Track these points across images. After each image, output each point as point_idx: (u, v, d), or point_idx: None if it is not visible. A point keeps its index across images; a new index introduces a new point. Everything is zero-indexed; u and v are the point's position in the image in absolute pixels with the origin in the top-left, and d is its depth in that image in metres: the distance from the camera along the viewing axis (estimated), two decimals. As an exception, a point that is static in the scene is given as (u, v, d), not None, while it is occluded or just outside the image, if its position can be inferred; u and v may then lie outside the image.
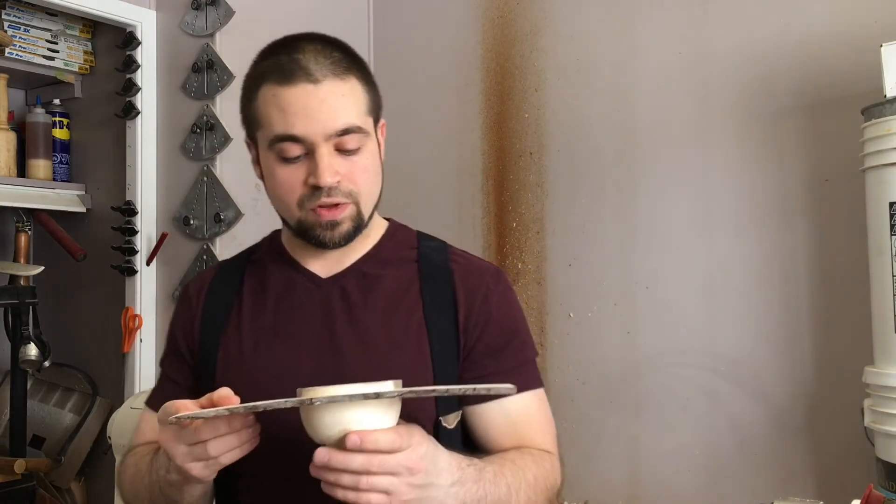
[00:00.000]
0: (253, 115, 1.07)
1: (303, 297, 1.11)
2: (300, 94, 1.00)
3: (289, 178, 1.03)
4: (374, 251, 1.14)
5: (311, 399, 0.78)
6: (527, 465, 1.01)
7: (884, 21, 1.80)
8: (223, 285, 1.17)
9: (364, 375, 0.97)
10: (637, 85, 2.18)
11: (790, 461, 1.91)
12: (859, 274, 1.69)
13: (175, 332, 1.18)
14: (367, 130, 1.05)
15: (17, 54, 2.44)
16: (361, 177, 1.05)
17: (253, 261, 1.19)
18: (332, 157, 1.01)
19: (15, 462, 2.07)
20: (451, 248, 1.16)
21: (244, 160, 2.28)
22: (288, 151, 1.02)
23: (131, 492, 1.09)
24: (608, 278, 2.19)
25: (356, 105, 1.04)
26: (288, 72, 1.01)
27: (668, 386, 2.08)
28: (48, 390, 2.61)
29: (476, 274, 1.12)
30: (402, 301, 1.09)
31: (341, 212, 1.04)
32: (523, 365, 1.10)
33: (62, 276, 2.63)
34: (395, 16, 2.68)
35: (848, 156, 1.79)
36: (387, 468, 0.81)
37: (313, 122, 1.00)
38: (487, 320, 1.08)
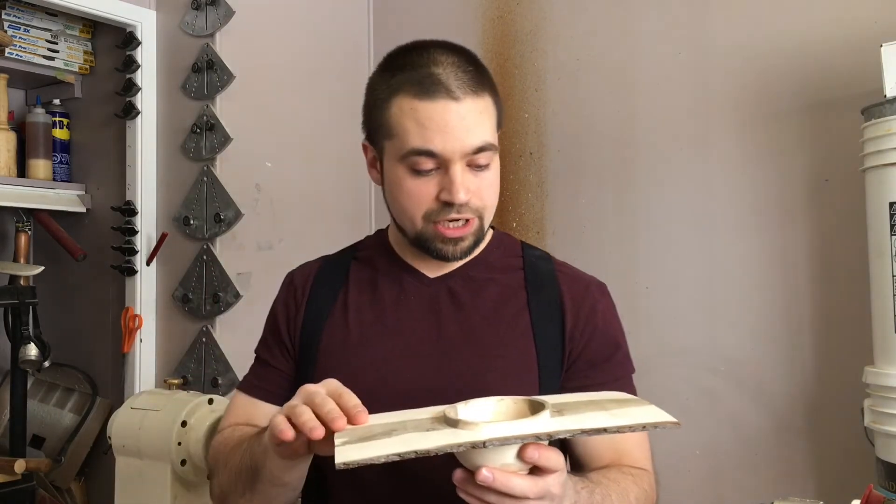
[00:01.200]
0: (384, 123, 1.06)
1: (410, 294, 1.13)
2: (440, 110, 1.01)
3: (419, 191, 1.04)
4: (481, 256, 1.16)
5: (483, 442, 0.74)
6: (629, 486, 1.02)
7: (884, 21, 1.80)
8: (329, 278, 1.18)
9: (471, 374, 1.01)
10: (637, 85, 2.18)
11: (790, 461, 1.91)
12: (859, 274, 1.69)
13: (277, 319, 1.19)
14: (497, 146, 1.07)
15: (17, 54, 2.44)
16: (488, 192, 1.07)
17: (358, 257, 1.20)
18: (465, 173, 1.03)
19: (15, 462, 2.07)
20: (554, 259, 1.20)
21: (244, 160, 2.31)
22: (422, 165, 1.03)
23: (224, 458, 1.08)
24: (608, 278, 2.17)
25: (490, 121, 1.06)
26: (428, 86, 1.01)
27: (668, 386, 2.08)
28: (48, 390, 2.61)
29: (582, 285, 1.16)
30: (508, 305, 1.11)
31: (467, 229, 1.06)
32: (624, 378, 1.13)
33: (62, 276, 2.63)
34: (395, 16, 2.68)
35: (848, 156, 1.79)
36: (540, 492, 0.79)
37: (452, 139, 1.01)
38: (594, 331, 1.11)
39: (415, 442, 0.76)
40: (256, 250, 2.34)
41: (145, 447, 1.89)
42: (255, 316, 2.28)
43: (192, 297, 2.28)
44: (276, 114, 2.41)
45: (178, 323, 2.34)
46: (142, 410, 1.93)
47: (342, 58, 2.62)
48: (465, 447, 0.74)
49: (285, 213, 2.42)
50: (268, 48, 2.41)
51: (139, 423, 1.91)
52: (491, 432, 0.75)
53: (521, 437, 0.75)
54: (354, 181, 2.60)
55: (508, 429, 0.76)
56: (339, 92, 2.61)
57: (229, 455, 1.07)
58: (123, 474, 1.96)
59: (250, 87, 2.32)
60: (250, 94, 2.33)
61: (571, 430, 0.76)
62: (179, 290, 2.31)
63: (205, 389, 2.19)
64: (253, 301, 2.26)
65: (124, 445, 1.93)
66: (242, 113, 2.32)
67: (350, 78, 2.66)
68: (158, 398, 1.97)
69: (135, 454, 1.92)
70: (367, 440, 0.78)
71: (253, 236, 2.33)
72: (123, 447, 1.94)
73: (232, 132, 2.25)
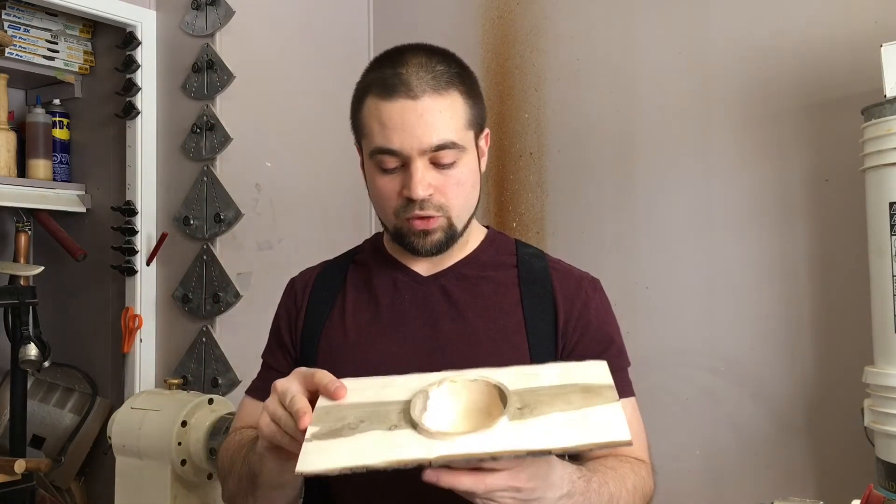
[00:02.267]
0: (359, 124, 1.11)
1: (405, 293, 1.15)
2: (398, 109, 1.04)
3: (386, 187, 1.08)
4: (473, 255, 1.18)
5: (429, 461, 0.78)
6: (626, 474, 1.03)
7: (884, 21, 1.80)
8: (328, 281, 1.21)
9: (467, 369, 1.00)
10: (637, 85, 2.18)
11: (790, 461, 1.91)
12: (859, 274, 1.69)
13: (280, 324, 1.23)
14: (464, 146, 1.08)
15: (17, 54, 2.44)
16: (453, 190, 1.08)
17: (356, 261, 1.23)
18: (426, 170, 1.05)
19: (15, 462, 2.07)
20: (548, 256, 1.22)
21: (244, 160, 2.31)
22: (386, 163, 1.06)
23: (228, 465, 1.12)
24: (608, 278, 2.17)
25: (454, 120, 1.07)
26: (390, 86, 1.05)
27: (668, 386, 2.08)
28: (48, 390, 2.61)
29: (575, 281, 1.17)
30: (501, 301, 1.13)
31: (433, 223, 1.08)
32: (619, 372, 1.12)
33: (62, 276, 2.63)
34: (395, 16, 2.68)
35: (848, 156, 1.79)
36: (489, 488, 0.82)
37: (409, 136, 1.04)
38: (587, 326, 1.13)
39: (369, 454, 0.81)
40: (256, 250, 2.34)
41: (145, 447, 1.89)
42: (255, 316, 2.30)
43: (192, 297, 2.28)
44: (276, 114, 2.41)
45: (178, 323, 2.34)
46: (142, 410, 1.93)
47: (342, 58, 2.62)
48: (410, 465, 0.79)
49: (285, 213, 2.42)
50: (268, 48, 2.41)
51: (139, 423, 1.91)
52: (439, 450, 0.79)
53: (465, 458, 0.79)
54: (354, 181, 2.57)
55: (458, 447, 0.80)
56: (339, 92, 2.60)
57: (233, 460, 1.10)
58: (123, 474, 1.96)
59: (250, 87, 2.32)
60: (250, 94, 2.33)
61: (517, 450, 0.79)
62: (179, 290, 2.31)
63: (205, 389, 2.19)
64: (253, 301, 2.26)
65: (124, 445, 1.93)
66: (242, 113, 2.32)
67: (350, 78, 2.63)
68: (158, 398, 1.97)
69: (135, 454, 1.92)
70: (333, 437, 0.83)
71: (253, 236, 2.33)
72: (123, 447, 1.94)
73: (232, 132, 2.25)
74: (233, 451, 1.11)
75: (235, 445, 1.12)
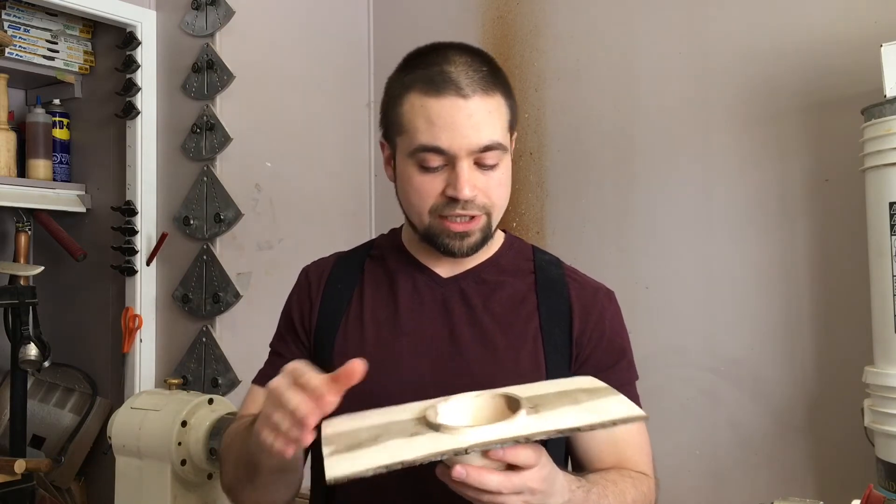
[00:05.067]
0: (396, 120, 1.08)
1: (424, 294, 1.14)
2: (449, 107, 1.02)
3: (426, 186, 1.06)
4: (494, 258, 1.17)
5: (465, 449, 0.77)
6: (627, 488, 1.03)
7: (884, 21, 1.80)
8: (343, 274, 1.19)
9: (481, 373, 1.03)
10: (637, 85, 2.18)
11: (790, 461, 1.91)
12: (859, 274, 1.69)
13: (291, 313, 1.20)
14: (507, 147, 1.08)
15: (17, 54, 2.44)
16: (496, 191, 1.08)
17: (372, 255, 1.21)
18: (471, 171, 1.04)
19: (15, 462, 2.06)
20: (564, 264, 1.22)
21: (244, 160, 2.31)
22: (429, 161, 1.04)
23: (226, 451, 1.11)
24: (608, 278, 2.17)
25: (500, 121, 1.07)
26: (439, 83, 1.03)
27: (667, 386, 2.08)
28: (48, 390, 2.61)
29: (591, 291, 1.17)
30: (519, 308, 1.13)
31: (473, 224, 1.07)
32: (628, 385, 1.13)
33: (62, 276, 2.63)
34: (395, 16, 2.68)
35: (848, 156, 1.79)
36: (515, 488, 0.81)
37: (459, 136, 1.02)
38: (601, 337, 1.13)
39: (401, 452, 0.79)
40: (256, 250, 2.34)
41: (145, 447, 1.89)
42: (255, 316, 2.30)
43: (192, 297, 2.28)
44: (276, 114, 2.41)
45: (178, 323, 2.34)
46: (142, 410, 1.93)
47: (342, 58, 2.62)
48: (448, 454, 0.77)
49: (285, 213, 2.42)
50: (268, 48, 2.41)
51: (139, 423, 1.91)
52: (473, 438, 0.78)
53: (500, 442, 0.78)
54: (354, 181, 2.60)
55: (489, 433, 0.79)
56: (339, 92, 2.61)
57: (231, 447, 1.09)
58: (123, 474, 1.96)
59: (250, 87, 2.32)
60: (250, 94, 2.33)
61: (547, 430, 0.79)
62: (179, 290, 2.31)
63: (205, 389, 2.19)
64: (253, 301, 2.26)
65: (124, 445, 1.93)
66: (242, 113, 2.32)
67: (350, 78, 2.66)
68: (158, 398, 1.97)
69: (135, 454, 1.92)
70: (355, 449, 0.81)
71: (253, 236, 2.33)
72: (123, 447, 1.94)
73: (232, 132, 2.25)
74: (233, 437, 1.10)
75: (233, 433, 1.11)
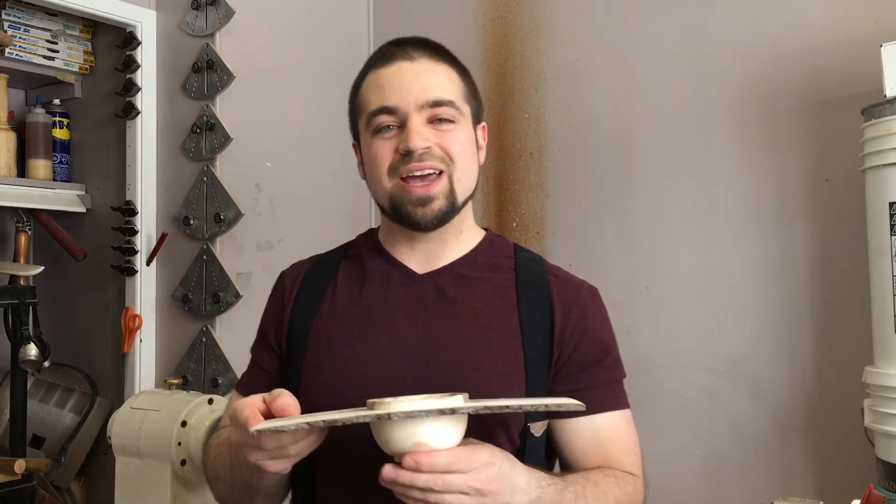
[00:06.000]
0: (356, 107, 1.13)
1: (398, 290, 1.12)
2: (396, 70, 1.07)
3: (382, 149, 1.07)
4: (471, 255, 1.15)
5: (388, 414, 0.78)
6: (609, 488, 1.01)
7: (884, 21, 1.80)
8: (318, 276, 1.18)
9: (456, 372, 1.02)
10: (637, 85, 2.18)
11: (790, 461, 1.91)
12: (859, 274, 1.69)
13: (266, 320, 1.20)
14: (462, 110, 1.09)
15: (17, 54, 2.44)
16: (455, 146, 1.07)
17: (349, 255, 1.20)
18: (423, 125, 1.05)
19: (15, 462, 2.07)
20: (546, 262, 1.19)
21: (244, 160, 2.31)
22: (382, 122, 1.06)
23: (213, 471, 1.11)
24: (608, 278, 2.19)
25: (451, 85, 1.09)
26: (388, 55, 1.09)
27: (667, 386, 2.08)
28: (48, 390, 2.61)
29: (573, 288, 1.14)
30: (498, 305, 1.10)
31: (433, 186, 1.05)
32: (614, 383, 1.11)
33: (62, 276, 2.63)
34: (395, 16, 2.68)
35: (848, 156, 1.79)
36: (452, 487, 0.81)
37: (406, 92, 1.05)
38: (583, 335, 1.10)
39: (326, 416, 0.82)
40: (256, 250, 2.34)
41: (145, 447, 1.89)
42: (255, 316, 2.27)
43: (192, 297, 2.28)
44: (276, 114, 2.41)
45: (178, 323, 2.33)
46: (142, 410, 1.93)
47: (342, 58, 2.62)
48: (370, 418, 0.79)
49: (285, 213, 2.42)
50: (268, 48, 2.41)
51: (139, 423, 1.91)
52: (398, 407, 0.80)
53: (425, 411, 0.79)
54: (354, 181, 2.58)
55: (414, 404, 0.81)
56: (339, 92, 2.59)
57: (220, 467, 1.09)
58: (123, 474, 1.96)
59: (250, 87, 2.32)
60: (250, 94, 2.33)
61: (475, 406, 0.81)
62: (179, 290, 2.31)
63: (205, 389, 2.19)
64: (253, 301, 2.26)
65: (124, 445, 1.93)
66: (242, 113, 2.32)
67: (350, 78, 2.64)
68: (158, 398, 1.97)
69: (135, 454, 1.92)
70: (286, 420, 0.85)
71: (253, 236, 2.33)
72: (123, 447, 1.94)
73: (232, 132, 2.25)
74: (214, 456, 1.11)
75: (215, 451, 1.11)
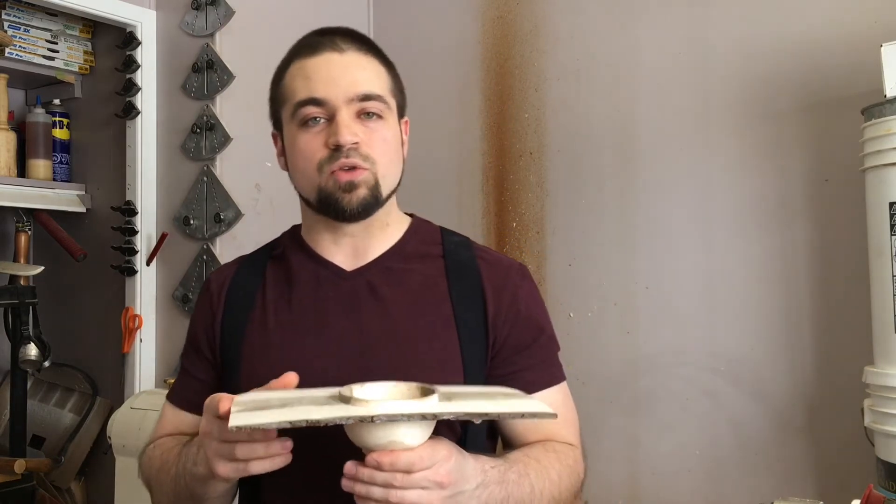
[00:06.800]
0: (279, 96, 1.11)
1: (328, 290, 1.10)
2: (325, 61, 1.06)
3: (310, 144, 1.06)
4: (398, 246, 1.14)
5: (371, 417, 0.78)
6: (551, 462, 1.02)
7: (884, 21, 1.80)
8: (245, 280, 1.15)
9: (394, 368, 1.00)
10: (637, 85, 2.18)
11: (790, 461, 1.91)
12: (859, 274, 1.69)
13: (195, 327, 1.17)
14: (389, 103, 1.09)
15: (17, 54, 2.44)
16: (380, 146, 1.07)
17: (274, 256, 1.18)
18: (352, 120, 1.05)
19: (15, 462, 2.07)
20: (474, 244, 1.17)
21: (244, 160, 2.31)
22: (309, 114, 1.05)
23: (156, 481, 1.09)
24: (608, 278, 2.19)
25: (379, 79, 1.09)
26: (315, 45, 1.08)
27: (668, 386, 2.08)
28: (48, 390, 2.61)
29: (502, 271, 1.13)
30: (429, 295, 1.09)
31: (359, 174, 1.04)
32: (549, 359, 1.12)
33: (62, 276, 2.63)
34: (395, 16, 2.68)
35: (848, 156, 1.79)
36: (413, 484, 0.82)
37: (335, 85, 1.04)
38: (516, 317, 1.10)
39: (308, 412, 0.79)
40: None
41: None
42: (255, 316, 2.30)
43: (192, 297, 2.28)
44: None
45: (179, 323, 2.33)
46: (142, 410, 1.94)
47: (342, 58, 2.62)
48: (353, 420, 0.78)
49: (285, 213, 2.40)
50: (268, 48, 2.39)
51: (139, 423, 1.91)
52: (380, 409, 0.79)
53: (407, 415, 0.79)
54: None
55: (397, 407, 0.80)
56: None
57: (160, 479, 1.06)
58: (123, 474, 1.96)
59: (250, 87, 2.32)
60: (250, 94, 2.33)
61: (457, 412, 0.81)
62: (179, 290, 2.31)
63: (205, 389, 2.19)
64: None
65: (124, 445, 1.94)
66: (242, 113, 2.31)
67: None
68: (158, 398, 1.97)
69: (135, 454, 1.91)
70: (263, 409, 0.82)
71: (253, 236, 2.33)
72: (123, 447, 1.94)
73: (232, 132, 2.25)
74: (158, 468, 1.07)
75: (160, 462, 1.08)
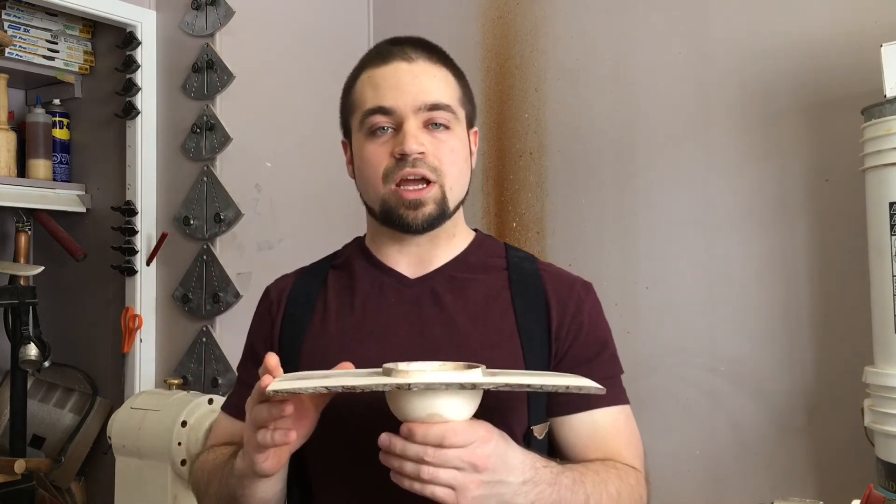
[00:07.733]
0: (349, 104, 1.11)
1: (391, 297, 1.10)
2: (394, 70, 1.06)
3: (377, 152, 1.06)
4: (462, 256, 1.14)
5: (408, 384, 0.78)
6: (610, 477, 1.00)
7: (884, 21, 1.80)
8: (306, 288, 1.15)
9: None
10: (637, 85, 2.18)
11: (790, 461, 1.91)
12: (859, 274, 1.69)
13: (253, 337, 1.17)
14: (458, 114, 1.08)
15: (17, 54, 2.44)
16: (448, 157, 1.06)
17: (336, 265, 1.18)
18: (419, 129, 1.04)
19: (15, 462, 2.07)
20: (538, 260, 1.18)
21: (244, 160, 2.31)
22: (377, 123, 1.05)
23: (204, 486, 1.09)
24: (608, 278, 2.19)
25: (449, 88, 1.08)
26: (385, 54, 1.08)
27: (668, 386, 2.08)
28: (48, 390, 2.61)
29: (567, 284, 1.13)
30: (493, 305, 1.09)
31: (426, 192, 1.04)
32: (612, 378, 1.10)
33: (62, 276, 2.63)
34: (395, 16, 2.68)
35: (848, 156, 1.79)
36: (446, 461, 0.81)
37: (403, 94, 1.04)
38: (579, 330, 1.09)
39: (345, 380, 0.81)
40: (256, 250, 2.34)
41: (145, 447, 1.89)
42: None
43: (192, 297, 2.28)
44: (276, 114, 2.41)
45: (178, 323, 2.34)
46: (142, 410, 1.94)
47: (342, 58, 2.59)
48: (390, 387, 0.79)
49: (285, 213, 2.42)
50: (268, 48, 2.41)
51: (139, 423, 1.91)
52: (419, 377, 0.80)
53: (445, 384, 0.79)
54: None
55: (435, 376, 0.81)
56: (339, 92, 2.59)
57: (209, 483, 1.07)
58: (123, 474, 1.96)
59: (250, 87, 2.33)
60: (250, 94, 2.33)
61: (496, 382, 0.80)
62: (179, 290, 2.31)
63: (205, 389, 2.19)
64: (253, 301, 2.24)
65: (124, 445, 1.94)
66: (242, 113, 2.32)
67: (350, 78, 2.66)
68: (158, 398, 1.97)
69: (135, 454, 1.92)
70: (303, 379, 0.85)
71: (253, 236, 2.33)
72: (123, 447, 1.94)
73: (232, 132, 2.25)
74: (209, 472, 1.08)
75: (211, 466, 1.08)
